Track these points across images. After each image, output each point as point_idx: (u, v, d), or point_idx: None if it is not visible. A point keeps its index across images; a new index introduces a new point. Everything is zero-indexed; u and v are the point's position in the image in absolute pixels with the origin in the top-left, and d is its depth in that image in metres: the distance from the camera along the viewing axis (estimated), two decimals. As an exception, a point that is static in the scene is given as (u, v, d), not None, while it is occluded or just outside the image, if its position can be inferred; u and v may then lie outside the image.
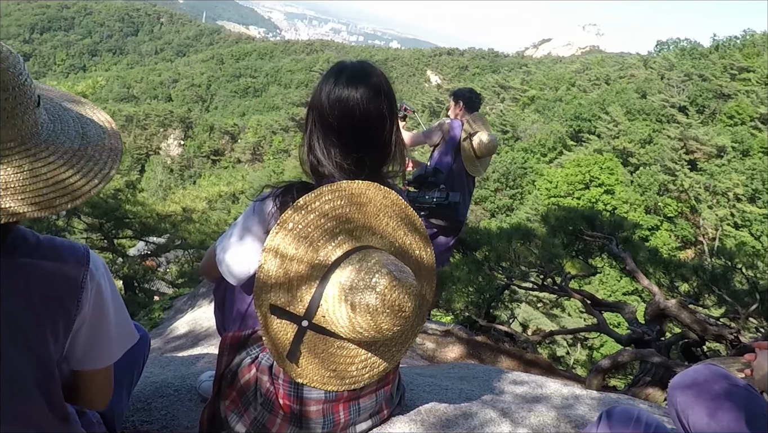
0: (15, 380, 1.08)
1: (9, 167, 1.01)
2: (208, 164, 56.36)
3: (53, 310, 1.10)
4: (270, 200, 1.48)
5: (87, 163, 1.11)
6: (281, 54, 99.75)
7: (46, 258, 1.09)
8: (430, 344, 4.54)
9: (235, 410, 1.60)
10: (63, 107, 1.19)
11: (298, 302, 1.39)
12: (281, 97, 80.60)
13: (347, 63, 1.54)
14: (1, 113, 1.00)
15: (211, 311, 4.83)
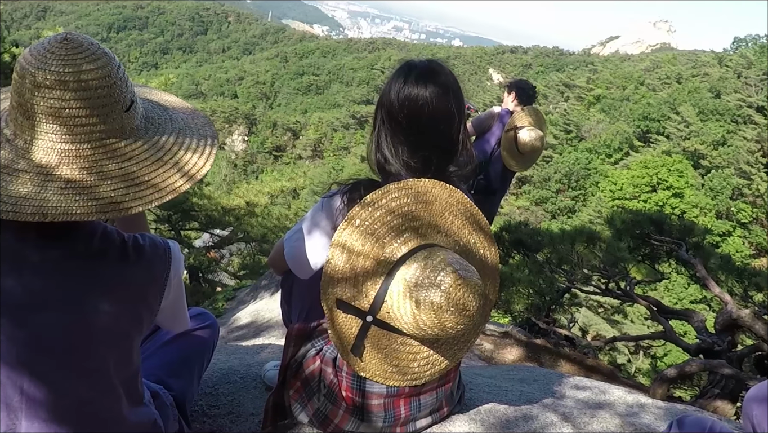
0: (99, 377, 1.16)
1: (78, 168, 1.07)
2: (270, 160, 57.65)
3: (140, 308, 1.17)
4: (338, 197, 1.52)
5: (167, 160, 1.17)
6: (344, 52, 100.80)
7: (132, 260, 1.16)
8: (488, 345, 4.51)
9: (298, 399, 1.64)
10: (161, 107, 1.25)
11: (364, 297, 1.41)
12: (343, 95, 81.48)
13: (416, 62, 1.56)
14: (79, 113, 1.05)
15: (273, 304, 4.97)
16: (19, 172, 1.04)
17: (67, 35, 1.07)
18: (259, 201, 12.77)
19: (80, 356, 1.12)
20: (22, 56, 1.06)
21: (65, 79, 1.03)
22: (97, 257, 1.12)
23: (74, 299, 1.09)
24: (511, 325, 5.00)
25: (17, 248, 1.08)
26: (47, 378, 1.10)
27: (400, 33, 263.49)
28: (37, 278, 1.08)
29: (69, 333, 1.10)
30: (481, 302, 1.39)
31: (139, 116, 1.17)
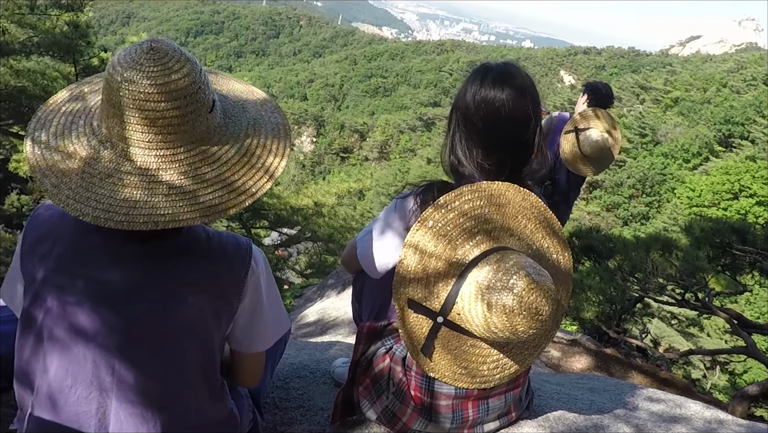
0: (184, 366, 1.22)
1: (176, 172, 1.12)
2: (337, 161, 58.49)
3: (219, 303, 1.22)
4: (411, 198, 1.53)
5: (254, 164, 1.22)
6: (412, 54, 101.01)
7: (215, 256, 1.22)
8: (556, 353, 4.41)
9: (367, 396, 1.67)
10: (234, 102, 1.31)
11: (435, 298, 1.43)
12: (410, 97, 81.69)
13: (492, 64, 1.56)
14: (172, 120, 1.11)
15: (339, 303, 5.05)
16: (124, 174, 1.11)
17: (152, 44, 1.11)
18: (327, 201, 12.99)
19: (167, 345, 1.19)
20: (112, 64, 1.12)
21: (155, 89, 1.08)
22: (184, 252, 1.19)
23: (163, 291, 1.16)
24: (579, 333, 4.87)
25: (114, 243, 1.16)
26: (137, 364, 1.17)
27: (469, 35, 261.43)
28: (132, 271, 1.16)
29: (158, 323, 1.17)
30: (553, 307, 1.38)
31: (219, 114, 1.22)
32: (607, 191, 35.55)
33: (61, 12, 8.58)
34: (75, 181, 1.11)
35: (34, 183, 13.55)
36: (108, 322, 1.14)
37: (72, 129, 1.19)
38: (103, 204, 1.08)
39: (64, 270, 1.15)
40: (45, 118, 1.22)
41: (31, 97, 9.03)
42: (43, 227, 1.22)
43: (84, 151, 1.15)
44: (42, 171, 1.14)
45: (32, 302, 1.18)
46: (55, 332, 1.15)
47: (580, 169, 3.93)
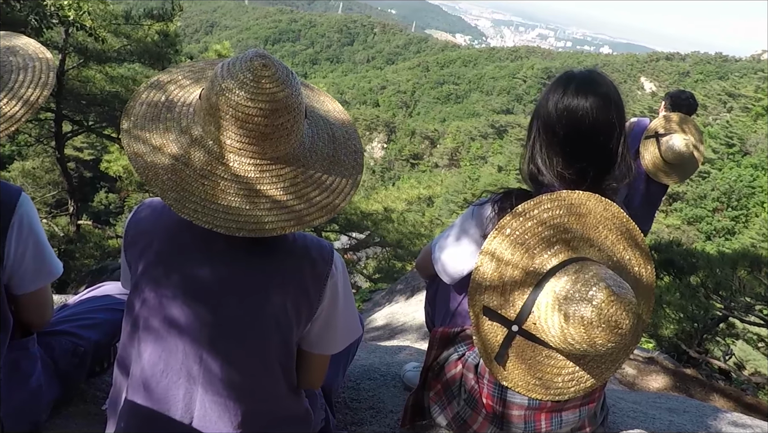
0: (266, 360, 1.28)
1: (275, 187, 1.19)
2: (407, 167, 58.62)
3: (301, 301, 1.27)
4: (489, 205, 1.54)
5: (339, 171, 1.27)
6: (485, 61, 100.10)
7: (300, 257, 1.28)
8: (631, 370, 4.25)
9: (438, 401, 1.68)
10: (312, 108, 1.36)
11: (510, 307, 1.42)
12: (482, 104, 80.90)
13: (576, 72, 1.54)
14: (282, 132, 1.17)
15: (407, 308, 5.06)
16: (219, 179, 1.18)
17: (258, 54, 1.17)
18: (396, 207, 13.07)
19: (253, 340, 1.25)
20: (216, 73, 1.18)
21: (254, 102, 1.13)
22: (272, 252, 1.25)
23: (252, 288, 1.23)
24: (656, 351, 4.67)
25: (207, 241, 1.23)
26: (224, 356, 1.24)
27: (544, 41, 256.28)
28: (223, 268, 1.23)
29: (246, 319, 1.23)
30: (634, 321, 1.34)
31: (308, 127, 1.28)
32: (688, 204, 33.82)
33: (153, 22, 9.10)
34: (167, 176, 1.19)
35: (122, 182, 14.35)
36: (200, 316, 1.21)
37: (157, 121, 1.26)
38: (205, 208, 1.15)
39: (162, 264, 1.24)
40: (131, 108, 1.30)
41: (123, 101, 9.59)
42: (143, 223, 1.31)
43: (173, 147, 1.22)
44: (138, 154, 1.22)
45: (132, 290, 1.27)
46: (151, 322, 1.23)
47: (661, 177, 3.76)
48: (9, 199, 1.42)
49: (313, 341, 1.38)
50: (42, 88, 1.40)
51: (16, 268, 1.46)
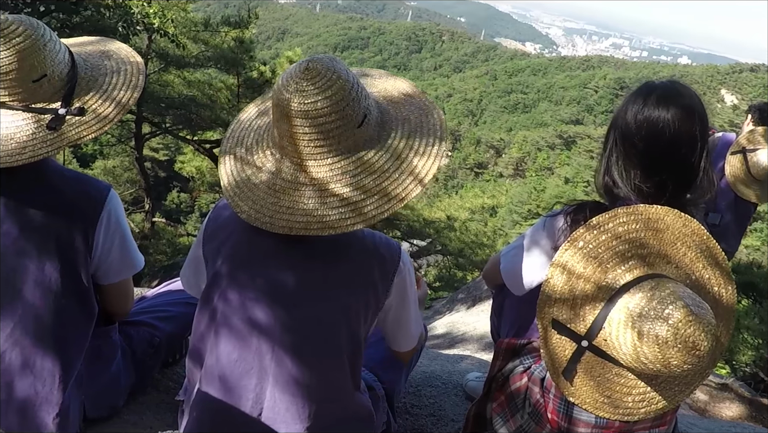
0: (336, 357, 1.31)
1: (342, 184, 1.23)
2: (471, 176, 58.10)
3: (370, 298, 1.30)
4: (561, 217, 1.51)
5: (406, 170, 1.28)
6: (555, 70, 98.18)
7: (370, 254, 1.32)
8: (702, 396, 4.05)
9: (501, 413, 1.66)
10: (391, 104, 1.38)
11: (580, 321, 1.39)
12: (550, 114, 79.31)
13: (657, 83, 1.49)
14: (318, 136, 1.21)
15: (468, 317, 5.02)
16: (301, 186, 1.24)
17: (309, 63, 1.23)
18: (459, 216, 13.03)
19: (325, 337, 1.29)
20: (276, 84, 1.26)
21: (303, 107, 1.19)
22: (346, 251, 1.29)
23: (326, 288, 1.28)
24: (731, 377, 4.43)
25: (287, 246, 1.29)
26: (297, 353, 1.28)
27: (618, 50, 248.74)
28: (301, 270, 1.29)
29: (320, 317, 1.28)
30: (712, 343, 1.28)
31: (372, 126, 1.29)
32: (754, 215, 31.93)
33: (230, 29, 9.46)
34: (263, 192, 1.26)
35: (194, 183, 14.93)
36: (279, 318, 1.27)
37: (260, 145, 1.33)
38: (283, 217, 1.22)
39: (246, 269, 1.30)
40: (239, 135, 1.38)
41: (198, 105, 10.01)
42: (222, 220, 1.37)
43: (270, 166, 1.28)
44: (238, 184, 1.29)
45: (211, 286, 1.33)
46: (232, 320, 1.29)
47: (749, 195, 3.57)
48: (99, 195, 1.51)
49: (386, 336, 1.43)
50: (132, 91, 1.49)
51: (103, 259, 1.55)
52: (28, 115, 1.39)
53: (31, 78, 1.37)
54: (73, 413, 1.58)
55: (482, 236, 13.75)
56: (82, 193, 1.50)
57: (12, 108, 1.39)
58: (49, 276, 1.48)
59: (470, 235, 13.32)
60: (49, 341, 1.51)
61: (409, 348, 1.48)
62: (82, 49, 1.56)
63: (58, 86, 1.41)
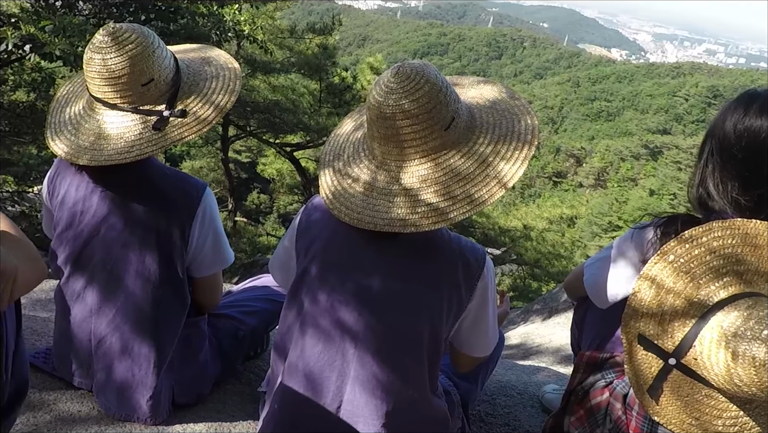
0: (417, 357, 1.33)
1: (431, 192, 1.26)
2: (549, 185, 56.67)
3: (454, 301, 1.32)
4: (650, 229, 1.46)
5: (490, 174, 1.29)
6: (642, 77, 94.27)
7: (456, 258, 1.33)
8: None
9: (580, 427, 1.62)
10: (479, 108, 1.39)
11: (668, 338, 1.34)
12: (636, 123, 76.15)
13: (759, 91, 1.42)
14: (406, 137, 1.26)
15: (543, 329, 4.90)
16: (393, 195, 1.28)
17: (399, 68, 1.27)
18: (536, 225, 12.74)
19: (409, 338, 1.32)
20: (371, 89, 1.30)
21: (393, 110, 1.24)
22: (432, 253, 1.31)
23: (412, 290, 1.31)
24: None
25: (375, 248, 1.33)
26: (378, 349, 1.31)
27: (712, 57, 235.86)
28: (389, 273, 1.32)
29: (406, 319, 1.31)
30: (815, 368, 1.21)
31: (460, 126, 1.30)
32: None
33: (315, 35, 9.73)
34: (359, 199, 1.31)
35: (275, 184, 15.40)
36: (366, 320, 1.31)
37: (357, 156, 1.38)
38: (374, 216, 1.28)
39: (335, 270, 1.34)
40: (337, 148, 1.44)
41: (282, 109, 10.34)
42: (314, 218, 1.43)
43: (366, 175, 1.33)
44: (335, 195, 1.35)
45: (300, 282, 1.38)
46: (319, 320, 1.34)
47: None
48: (195, 193, 1.60)
49: (462, 340, 1.45)
50: (230, 95, 1.57)
51: (197, 253, 1.64)
52: (136, 117, 1.50)
53: (140, 82, 1.48)
54: (164, 396, 1.68)
55: (559, 247, 13.39)
56: (180, 190, 1.59)
57: (122, 110, 1.50)
58: (149, 267, 1.58)
59: (547, 245, 13.00)
60: (146, 328, 1.61)
61: (483, 354, 1.48)
62: (186, 55, 1.66)
63: (164, 90, 1.51)
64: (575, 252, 14.29)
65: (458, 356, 1.51)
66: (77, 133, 1.53)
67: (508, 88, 1.46)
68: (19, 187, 9.15)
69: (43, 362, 1.81)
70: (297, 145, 12.25)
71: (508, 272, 13.51)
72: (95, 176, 1.57)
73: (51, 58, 4.38)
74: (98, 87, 1.48)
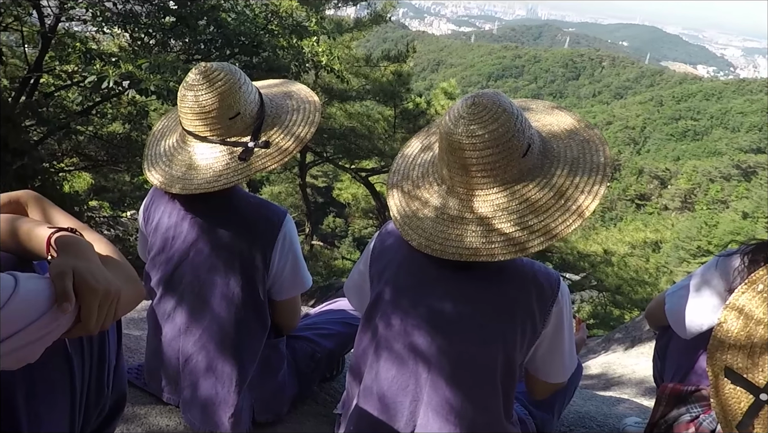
0: (490, 383, 1.33)
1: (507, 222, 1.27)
2: (632, 208, 54.46)
3: (526, 324, 1.31)
4: (737, 257, 1.40)
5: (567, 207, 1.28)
6: (732, 94, 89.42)
7: (529, 284, 1.33)
8: None
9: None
10: (554, 138, 1.39)
11: (759, 371, 1.27)
12: (726, 142, 72.14)
13: None
14: (485, 166, 1.27)
15: (626, 359, 4.71)
16: (467, 222, 1.30)
17: (475, 98, 1.29)
18: (617, 250, 12.25)
19: (482, 364, 1.32)
20: (444, 118, 1.32)
21: (469, 139, 1.25)
22: (503, 279, 1.32)
23: (485, 316, 1.32)
24: None
25: (447, 275, 1.35)
26: (451, 376, 1.32)
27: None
28: (461, 299, 1.33)
29: (478, 344, 1.31)
30: None
31: (535, 155, 1.31)
32: None
33: (389, 63, 9.93)
34: (428, 224, 1.33)
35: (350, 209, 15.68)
36: (438, 345, 1.32)
37: (426, 178, 1.41)
38: (448, 244, 1.29)
39: (408, 296, 1.37)
40: (404, 169, 1.47)
41: (357, 135, 10.58)
42: (388, 243, 1.46)
43: (435, 199, 1.35)
44: (403, 217, 1.38)
45: (374, 306, 1.42)
46: (393, 344, 1.36)
47: None
48: (277, 219, 1.68)
49: (538, 366, 1.43)
50: (310, 126, 1.65)
51: (278, 277, 1.71)
52: (224, 148, 1.60)
53: (228, 116, 1.58)
54: (245, 414, 1.75)
55: (643, 273, 12.79)
56: (262, 216, 1.68)
57: (211, 142, 1.60)
58: (233, 290, 1.67)
59: (629, 271, 12.46)
60: (229, 348, 1.69)
61: (559, 381, 1.45)
62: (269, 90, 1.76)
63: (249, 123, 1.61)
64: (660, 278, 13.62)
65: (534, 382, 1.49)
66: (171, 164, 1.65)
67: (575, 115, 1.46)
68: (114, 212, 9.79)
69: (136, 377, 1.93)
70: (372, 170, 12.47)
71: (588, 299, 13.02)
72: (186, 204, 1.67)
73: (146, 94, 4.72)
74: (190, 121, 1.60)
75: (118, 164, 8.62)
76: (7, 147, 4.73)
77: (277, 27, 6.85)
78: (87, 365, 1.10)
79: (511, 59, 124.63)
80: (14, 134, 4.87)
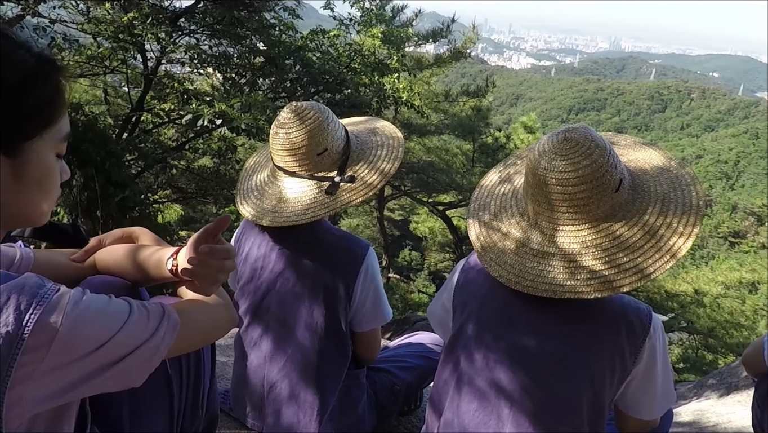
0: (574, 417, 1.29)
1: (593, 258, 1.25)
2: (725, 246, 51.21)
3: (616, 362, 1.27)
4: None
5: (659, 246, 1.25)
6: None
7: (617, 317, 1.30)
8: None
9: None
10: (646, 175, 1.36)
11: None
12: (835, 177, 66.90)
13: None
14: (578, 202, 1.25)
15: (720, 407, 4.43)
16: (549, 256, 1.30)
17: (566, 133, 1.28)
18: (710, 290, 11.54)
19: (567, 402, 1.30)
20: (533, 153, 1.32)
21: (562, 175, 1.25)
22: (589, 315, 1.29)
23: (569, 353, 1.30)
24: None
25: (530, 310, 1.34)
26: (534, 414, 1.30)
27: None
28: (545, 336, 1.32)
29: (563, 382, 1.30)
30: None
31: (626, 190, 1.29)
32: None
33: (468, 98, 10.00)
34: (510, 257, 1.34)
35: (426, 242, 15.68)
36: (521, 381, 1.31)
37: (505, 210, 1.42)
38: (532, 279, 1.29)
39: (491, 330, 1.37)
40: (484, 200, 1.49)
41: (435, 169, 10.65)
42: (471, 275, 1.47)
43: (517, 232, 1.36)
44: (484, 248, 1.39)
45: (456, 339, 1.42)
46: (475, 379, 1.37)
47: None
48: (360, 251, 1.73)
49: (628, 404, 1.38)
50: (393, 162, 1.70)
51: (359, 308, 1.76)
52: (312, 183, 1.68)
53: (316, 152, 1.66)
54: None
55: (739, 315, 11.94)
56: (346, 249, 1.73)
57: (300, 176, 1.68)
58: (317, 320, 1.72)
59: (723, 313, 11.68)
60: (312, 377, 1.74)
61: (651, 418, 1.39)
62: (355, 127, 1.83)
63: (336, 158, 1.68)
64: (759, 322, 12.66)
65: (624, 419, 1.43)
66: (261, 197, 1.75)
67: (665, 152, 1.42)
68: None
69: (222, 402, 2.01)
70: (449, 204, 12.46)
71: (677, 341, 12.26)
72: (274, 236, 1.76)
73: (238, 132, 4.99)
74: (281, 157, 1.69)
75: (207, 196, 9.08)
76: (110, 180, 5.13)
77: (360, 65, 7.10)
78: (185, 387, 1.17)
79: (593, 92, 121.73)
80: (117, 168, 5.28)
